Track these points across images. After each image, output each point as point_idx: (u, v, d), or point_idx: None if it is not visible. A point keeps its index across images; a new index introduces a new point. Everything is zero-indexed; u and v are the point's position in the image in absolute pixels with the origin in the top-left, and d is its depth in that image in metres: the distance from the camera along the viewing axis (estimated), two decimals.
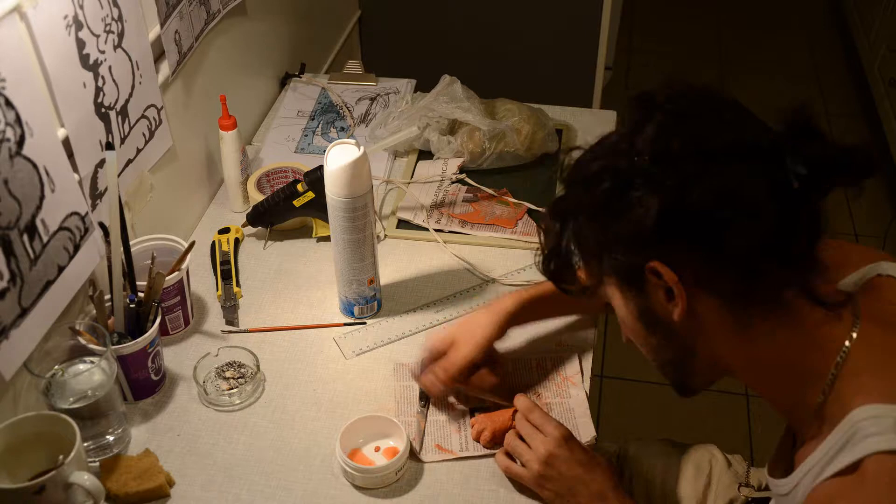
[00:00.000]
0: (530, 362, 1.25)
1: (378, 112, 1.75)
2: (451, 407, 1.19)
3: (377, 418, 1.13)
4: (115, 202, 1.11)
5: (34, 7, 0.99)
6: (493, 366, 1.18)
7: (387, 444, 1.13)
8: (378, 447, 1.13)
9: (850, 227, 2.78)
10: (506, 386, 1.17)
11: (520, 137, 1.59)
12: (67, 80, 1.08)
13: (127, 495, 1.06)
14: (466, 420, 1.17)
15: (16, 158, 0.97)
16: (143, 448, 1.12)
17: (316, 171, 1.37)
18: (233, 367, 1.22)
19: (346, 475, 1.10)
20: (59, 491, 0.95)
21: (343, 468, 1.09)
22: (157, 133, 1.33)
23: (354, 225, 1.22)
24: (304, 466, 1.12)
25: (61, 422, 1.00)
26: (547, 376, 1.23)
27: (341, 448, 1.09)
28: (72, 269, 1.10)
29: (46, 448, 1.00)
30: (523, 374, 1.23)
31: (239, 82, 1.65)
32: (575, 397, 1.20)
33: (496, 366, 1.18)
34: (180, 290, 1.25)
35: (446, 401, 1.19)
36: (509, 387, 1.18)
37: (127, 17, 1.19)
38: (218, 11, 1.51)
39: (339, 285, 1.31)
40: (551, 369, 1.23)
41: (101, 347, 1.10)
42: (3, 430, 0.99)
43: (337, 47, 2.25)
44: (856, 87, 3.42)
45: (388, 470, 1.08)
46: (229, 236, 1.44)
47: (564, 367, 1.24)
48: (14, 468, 0.99)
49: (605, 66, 2.42)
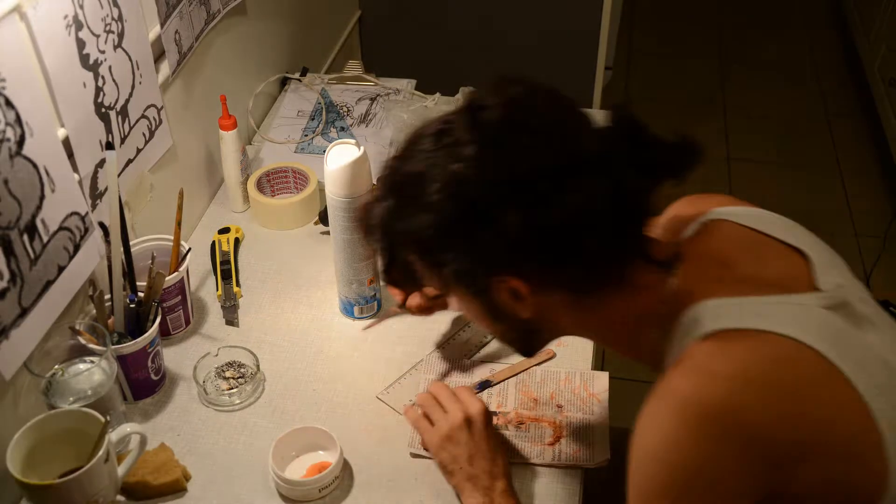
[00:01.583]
0: (559, 374, 1.23)
1: (378, 112, 1.75)
2: None
3: (316, 430, 1.11)
4: (115, 202, 1.11)
5: (34, 7, 0.99)
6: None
7: (318, 457, 1.11)
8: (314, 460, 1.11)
9: (850, 227, 2.79)
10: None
11: None
12: (67, 80, 1.08)
13: (145, 489, 1.06)
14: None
15: (16, 158, 0.97)
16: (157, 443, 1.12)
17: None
18: (233, 367, 1.22)
19: (276, 485, 1.08)
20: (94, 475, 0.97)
21: (274, 479, 1.08)
22: (157, 133, 1.33)
23: (355, 225, 1.22)
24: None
25: (89, 418, 1.00)
26: (573, 390, 1.21)
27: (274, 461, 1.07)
28: (72, 269, 1.11)
29: (74, 445, 1.00)
30: (550, 384, 1.22)
31: (239, 82, 1.65)
32: (597, 415, 1.18)
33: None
34: (180, 290, 1.25)
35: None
36: (535, 397, 1.20)
37: (127, 17, 1.19)
38: (218, 11, 1.51)
39: (338, 285, 1.31)
40: (579, 384, 1.22)
41: (101, 347, 1.10)
42: (32, 427, 0.99)
43: (337, 47, 2.25)
44: (856, 87, 3.42)
45: (313, 485, 1.06)
46: (229, 236, 1.44)
47: (593, 383, 1.22)
48: (42, 464, 0.99)
49: (605, 66, 2.42)
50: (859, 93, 3.36)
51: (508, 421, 1.17)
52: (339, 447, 1.09)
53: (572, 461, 1.12)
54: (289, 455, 1.11)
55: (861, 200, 2.91)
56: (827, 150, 3.14)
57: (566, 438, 1.15)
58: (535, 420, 1.17)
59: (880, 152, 3.05)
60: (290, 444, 1.10)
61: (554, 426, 1.16)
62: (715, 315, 0.85)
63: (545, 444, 1.14)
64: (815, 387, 0.82)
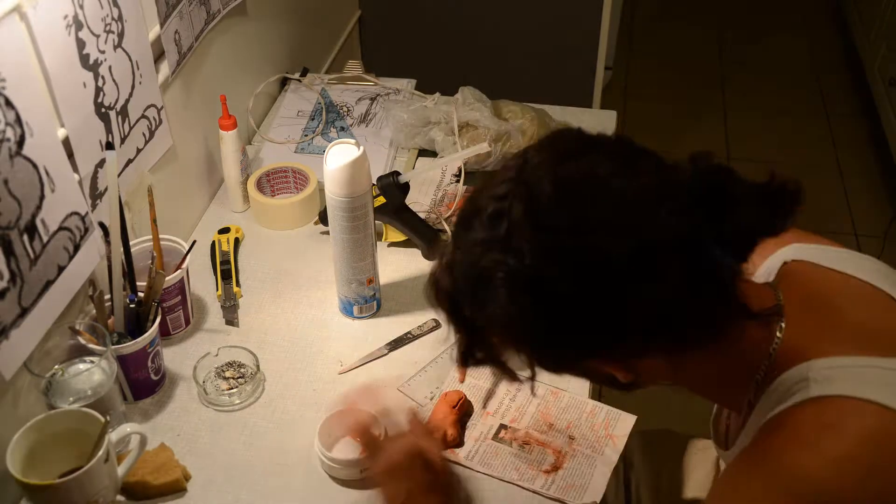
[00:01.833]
0: (586, 405, 1.19)
1: (378, 112, 1.75)
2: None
3: (357, 411, 1.11)
4: (115, 202, 1.11)
5: (34, 7, 0.99)
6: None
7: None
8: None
9: (850, 227, 2.79)
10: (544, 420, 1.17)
11: (524, 138, 1.59)
12: (67, 80, 1.08)
13: (145, 489, 1.07)
14: (489, 432, 1.16)
15: (16, 158, 0.97)
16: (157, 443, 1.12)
17: (388, 177, 1.36)
18: (233, 367, 1.22)
19: (324, 466, 1.10)
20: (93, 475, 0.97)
21: (321, 460, 1.10)
22: (157, 133, 1.33)
23: (354, 224, 1.22)
24: (303, 466, 1.12)
25: (89, 418, 1.00)
26: (593, 426, 1.16)
27: (321, 442, 1.09)
28: (72, 269, 1.11)
29: (74, 445, 1.00)
30: (572, 412, 1.18)
31: (239, 82, 1.65)
32: (606, 457, 1.13)
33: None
34: (181, 289, 1.25)
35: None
36: (551, 422, 1.17)
37: (127, 17, 1.19)
38: (218, 11, 1.51)
39: (338, 285, 1.31)
40: (602, 421, 1.17)
41: (101, 347, 1.10)
42: (32, 427, 1.00)
43: (337, 47, 2.25)
44: (856, 87, 3.42)
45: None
46: (229, 236, 1.44)
47: (616, 424, 1.16)
48: (42, 464, 0.99)
49: (605, 66, 2.42)
50: (859, 93, 3.36)
51: (514, 438, 1.14)
52: (383, 427, 1.07)
53: (558, 495, 1.08)
54: (335, 435, 1.13)
55: (861, 200, 2.91)
56: (827, 150, 3.14)
57: (564, 471, 1.11)
58: (541, 444, 1.14)
59: (880, 152, 3.05)
60: (336, 424, 1.12)
61: (557, 455, 1.13)
62: (827, 377, 0.78)
63: (540, 471, 1.11)
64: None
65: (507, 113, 1.64)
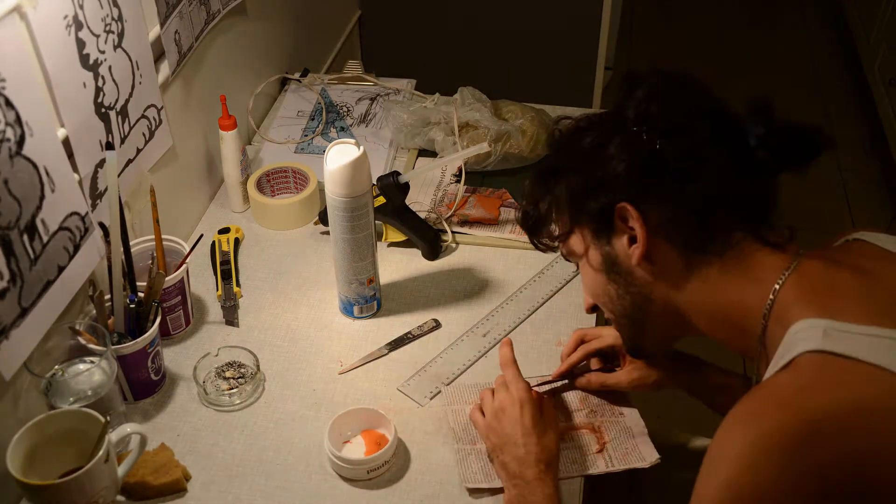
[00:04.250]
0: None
1: (378, 112, 1.75)
2: None
3: (366, 410, 1.14)
4: (115, 202, 1.11)
5: (34, 7, 0.99)
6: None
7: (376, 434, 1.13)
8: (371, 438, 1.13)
9: (850, 227, 2.78)
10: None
11: (524, 138, 1.59)
12: (67, 80, 1.08)
13: (145, 489, 1.07)
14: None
15: (16, 158, 0.97)
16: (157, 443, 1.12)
17: (388, 177, 1.36)
18: (233, 367, 1.22)
19: (334, 466, 1.10)
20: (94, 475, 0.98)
21: (331, 460, 1.10)
22: (157, 133, 1.33)
23: (354, 224, 1.22)
24: (304, 466, 1.12)
25: (89, 418, 1.00)
26: (604, 395, 1.19)
27: (330, 441, 1.10)
28: (72, 269, 1.11)
29: (74, 445, 1.00)
30: (577, 392, 1.21)
31: (239, 82, 1.65)
32: (629, 415, 1.17)
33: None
34: (181, 290, 1.25)
35: None
36: (566, 405, 1.19)
37: (127, 17, 1.19)
38: (218, 11, 1.51)
39: (338, 285, 1.31)
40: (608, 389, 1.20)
41: (101, 347, 1.10)
42: (32, 427, 1.00)
43: (337, 47, 2.25)
44: (856, 87, 3.41)
45: (368, 464, 1.08)
46: (229, 236, 1.44)
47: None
48: (43, 464, 1.00)
49: (605, 66, 2.42)
50: (859, 93, 3.36)
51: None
52: (393, 428, 1.10)
53: (627, 466, 1.10)
54: (345, 434, 1.13)
55: (861, 200, 2.91)
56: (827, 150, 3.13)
57: (611, 444, 1.13)
58: (573, 429, 1.15)
59: (880, 152, 3.05)
60: (346, 423, 1.13)
61: (594, 432, 1.14)
62: (835, 338, 0.81)
63: (593, 453, 1.12)
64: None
65: (507, 113, 1.64)
